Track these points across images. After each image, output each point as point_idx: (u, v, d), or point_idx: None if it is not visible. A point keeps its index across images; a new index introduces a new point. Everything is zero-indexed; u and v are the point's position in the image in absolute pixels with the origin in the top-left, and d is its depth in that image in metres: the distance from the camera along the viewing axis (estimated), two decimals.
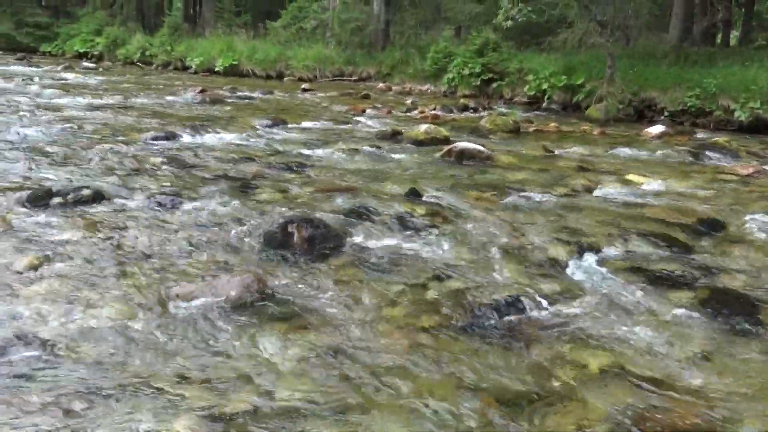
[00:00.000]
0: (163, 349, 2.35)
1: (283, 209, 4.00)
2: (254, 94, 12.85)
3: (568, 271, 3.30)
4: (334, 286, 2.97)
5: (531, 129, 9.17)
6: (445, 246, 3.57)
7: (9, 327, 2.40)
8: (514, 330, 2.64)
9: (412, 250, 3.51)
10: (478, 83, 13.88)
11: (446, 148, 6.31)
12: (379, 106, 11.19)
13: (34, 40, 27.79)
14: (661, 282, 3.14)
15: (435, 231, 3.83)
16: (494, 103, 13.07)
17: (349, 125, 8.59)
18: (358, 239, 3.64)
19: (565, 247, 3.56)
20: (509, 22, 13.12)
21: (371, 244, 3.59)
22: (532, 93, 12.61)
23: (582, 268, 3.31)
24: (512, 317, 2.73)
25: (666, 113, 10.83)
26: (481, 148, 6.24)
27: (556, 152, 7.04)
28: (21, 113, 7.84)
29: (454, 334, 2.58)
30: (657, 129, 9.00)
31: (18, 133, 6.41)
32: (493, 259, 3.41)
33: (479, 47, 14.01)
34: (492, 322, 2.68)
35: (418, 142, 7.00)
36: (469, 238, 3.71)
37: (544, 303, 2.87)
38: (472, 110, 11.55)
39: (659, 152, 7.23)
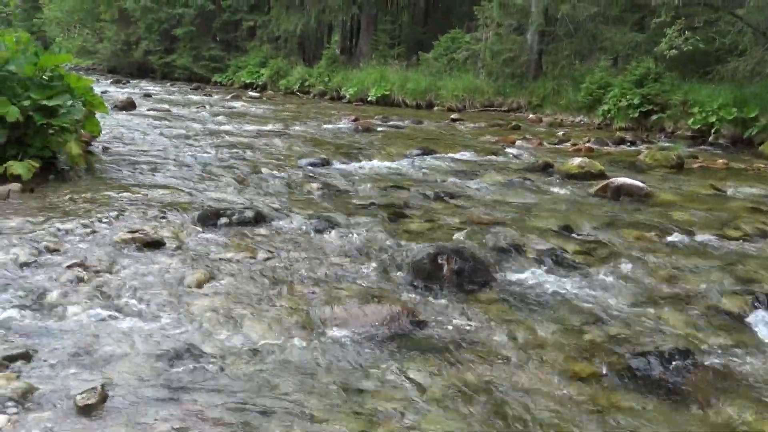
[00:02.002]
0: (313, 372, 2.40)
1: (432, 240, 4.00)
2: (404, 123, 13.12)
3: (744, 323, 2.98)
4: (483, 322, 2.89)
5: (696, 165, 8.52)
6: (602, 287, 3.37)
7: (178, 339, 2.57)
8: (680, 385, 2.41)
9: (565, 289, 3.35)
10: (636, 115, 13.18)
11: (602, 182, 6.02)
12: (530, 137, 10.97)
13: (208, 71, 30.42)
14: None
15: (590, 270, 3.64)
16: (653, 136, 12.33)
17: (498, 156, 8.48)
18: (507, 274, 3.54)
19: (740, 296, 3.23)
20: (673, 51, 12.40)
21: (521, 280, 3.47)
22: (697, 126, 11.75)
23: (761, 322, 2.98)
24: (678, 370, 2.50)
25: None
26: (640, 184, 5.89)
27: (726, 191, 6.47)
28: (194, 138, 8.57)
29: (611, 383, 2.40)
30: None
31: (192, 157, 7.00)
32: (656, 304, 3.16)
33: (639, 77, 13.32)
34: (655, 374, 2.47)
35: (571, 176, 6.75)
36: (628, 280, 3.48)
37: (716, 358, 2.60)
38: (628, 143, 10.97)
39: None
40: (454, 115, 15.35)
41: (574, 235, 4.38)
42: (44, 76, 5.32)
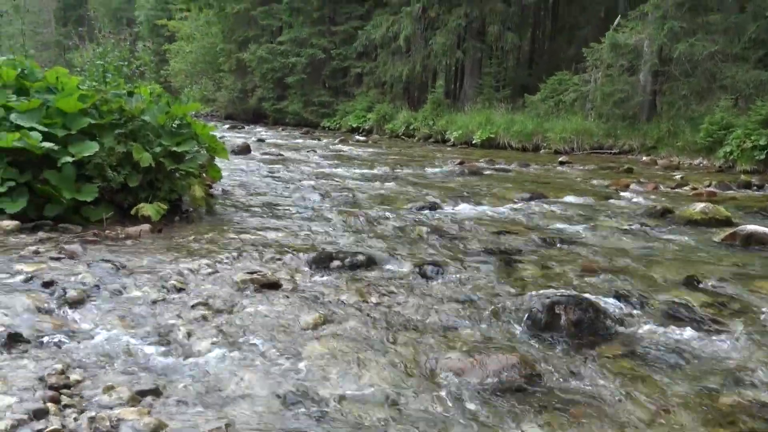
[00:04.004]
0: (426, 422, 2.35)
1: (547, 288, 3.87)
2: (510, 167, 12.97)
3: None
4: (606, 378, 2.74)
5: None
6: (737, 345, 3.12)
7: (294, 380, 2.61)
8: None
9: (695, 346, 3.12)
10: (763, 157, 12.37)
11: (729, 230, 5.64)
12: (644, 181, 10.51)
13: (317, 116, 31.73)
14: None
15: (721, 326, 3.38)
16: None
17: (611, 201, 8.17)
18: (629, 328, 3.35)
19: None
20: None
21: (645, 334, 3.27)
22: None
23: None
24: None
25: None
26: None
27: None
28: (305, 181, 8.86)
29: None
30: None
31: (303, 199, 7.23)
32: None
33: (766, 117, 12.54)
34: None
35: (693, 222, 6.38)
36: None
37: None
38: (755, 187, 10.27)
39: None
40: (562, 158, 15.03)
41: (701, 286, 4.10)
42: (173, 124, 5.71)
